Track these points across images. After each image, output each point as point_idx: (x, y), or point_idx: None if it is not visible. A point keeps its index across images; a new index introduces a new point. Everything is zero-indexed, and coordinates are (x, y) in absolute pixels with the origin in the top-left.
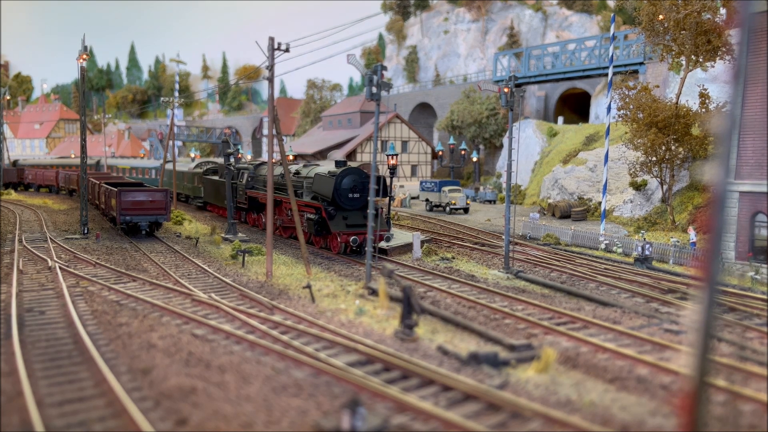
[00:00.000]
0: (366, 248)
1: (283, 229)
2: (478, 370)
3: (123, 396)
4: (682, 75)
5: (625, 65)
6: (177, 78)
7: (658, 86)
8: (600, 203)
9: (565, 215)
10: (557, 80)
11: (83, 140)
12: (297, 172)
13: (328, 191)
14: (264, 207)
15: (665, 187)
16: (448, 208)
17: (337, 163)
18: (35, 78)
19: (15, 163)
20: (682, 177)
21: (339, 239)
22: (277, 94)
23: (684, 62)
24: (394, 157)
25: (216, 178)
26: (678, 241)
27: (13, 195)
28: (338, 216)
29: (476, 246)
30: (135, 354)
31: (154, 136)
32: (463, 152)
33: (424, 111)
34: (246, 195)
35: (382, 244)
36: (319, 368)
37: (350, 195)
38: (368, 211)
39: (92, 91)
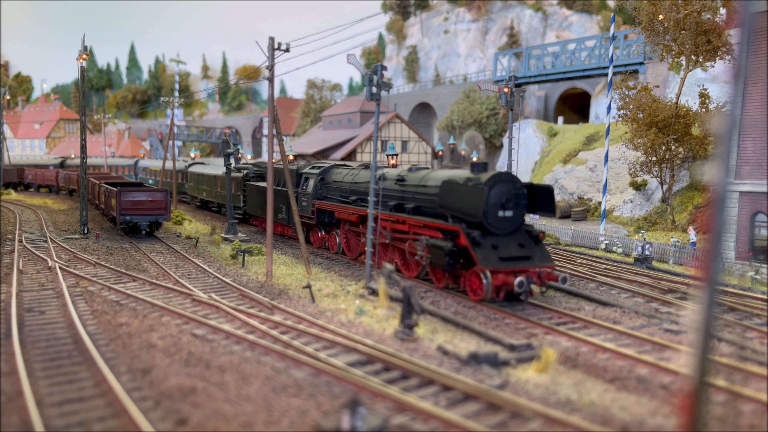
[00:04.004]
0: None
1: (375, 255)
2: (478, 370)
3: (123, 396)
4: (682, 75)
5: (625, 65)
6: (177, 78)
7: (658, 86)
8: (600, 203)
9: (565, 215)
10: (557, 80)
11: (83, 140)
12: (401, 179)
13: (474, 208)
14: (340, 223)
15: (665, 187)
16: None
17: (475, 166)
18: (35, 78)
19: (62, 163)
20: (682, 177)
21: (487, 280)
22: (277, 94)
23: (684, 62)
24: (394, 157)
25: (265, 185)
26: (678, 241)
27: (13, 195)
28: (486, 244)
29: None
30: (135, 354)
31: (154, 136)
32: (463, 152)
33: (424, 111)
34: (313, 207)
35: (557, 286)
36: (319, 368)
37: (500, 213)
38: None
39: (92, 91)
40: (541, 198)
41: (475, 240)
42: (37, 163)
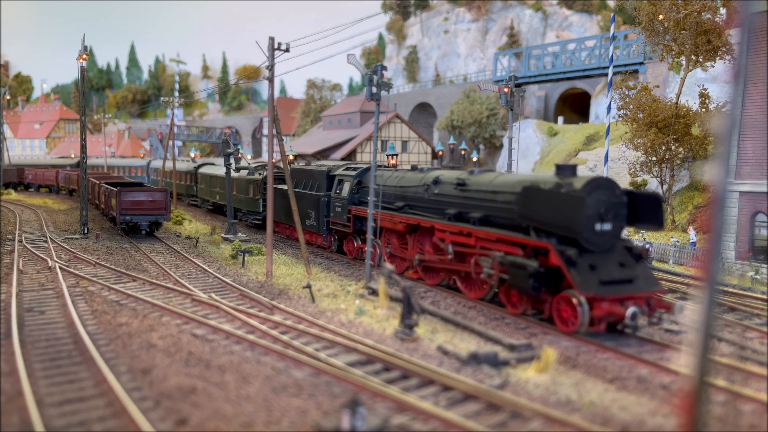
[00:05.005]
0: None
1: (426, 270)
2: (478, 370)
3: (123, 396)
4: (682, 75)
5: (625, 65)
6: (177, 78)
7: (658, 86)
8: None
9: None
10: (557, 80)
11: (83, 140)
12: (462, 183)
13: (569, 220)
14: (382, 232)
15: (665, 187)
16: None
17: (561, 169)
18: (35, 78)
19: (79, 164)
20: (682, 177)
21: (583, 308)
22: (277, 94)
23: (684, 62)
24: (394, 157)
25: (285, 187)
26: (678, 241)
27: (13, 195)
28: (582, 264)
29: None
30: (135, 354)
31: (154, 136)
32: (463, 152)
33: (424, 111)
34: (349, 214)
35: (671, 320)
36: (319, 368)
37: (597, 226)
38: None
39: (92, 91)
40: (644, 208)
41: (571, 259)
42: (53, 163)
